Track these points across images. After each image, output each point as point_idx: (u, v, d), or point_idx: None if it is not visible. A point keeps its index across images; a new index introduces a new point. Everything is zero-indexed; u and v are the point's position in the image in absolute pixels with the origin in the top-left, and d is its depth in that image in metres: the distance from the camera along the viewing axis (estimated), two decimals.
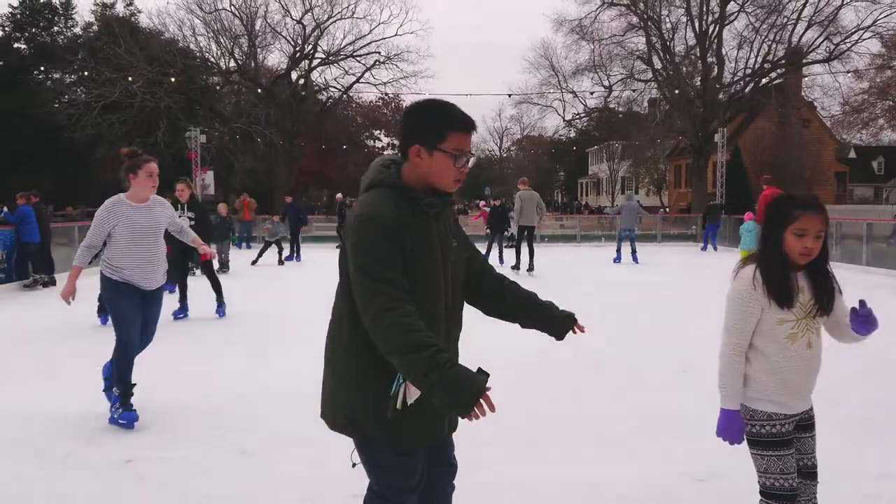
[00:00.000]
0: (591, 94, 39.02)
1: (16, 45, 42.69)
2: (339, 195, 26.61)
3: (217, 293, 9.38)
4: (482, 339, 7.71)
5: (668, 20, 35.92)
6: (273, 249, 17.63)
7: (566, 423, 4.86)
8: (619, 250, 17.82)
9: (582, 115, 45.41)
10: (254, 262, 16.92)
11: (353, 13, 38.09)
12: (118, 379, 4.75)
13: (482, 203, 31.05)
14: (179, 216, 7.74)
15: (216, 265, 15.16)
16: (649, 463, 4.11)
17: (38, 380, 6.04)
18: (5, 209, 15.05)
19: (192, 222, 8.64)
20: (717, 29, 34.86)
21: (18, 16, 43.07)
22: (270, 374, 6.32)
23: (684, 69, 36.21)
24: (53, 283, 12.85)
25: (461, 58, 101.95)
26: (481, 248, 19.09)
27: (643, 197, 59.86)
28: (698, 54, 35.51)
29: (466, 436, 4.54)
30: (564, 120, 44.74)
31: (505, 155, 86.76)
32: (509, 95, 42.14)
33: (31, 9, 43.16)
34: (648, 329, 8.49)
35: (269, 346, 7.63)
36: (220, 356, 7.10)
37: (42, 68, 39.84)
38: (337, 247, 14.81)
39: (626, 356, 6.93)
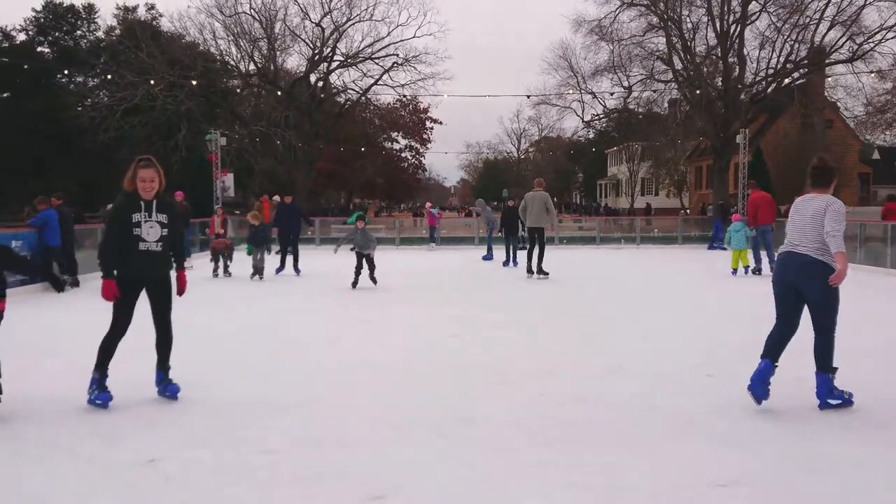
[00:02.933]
0: (611, 94, 38.74)
1: (39, 49, 43.26)
2: (276, 197, 26.67)
3: (162, 358, 5.71)
4: (502, 348, 7.70)
5: (688, 20, 35.59)
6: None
7: (589, 428, 4.83)
8: (490, 249, 19.99)
9: (601, 115, 45.11)
10: (359, 284, 12.63)
11: (372, 16, 38.20)
12: None
13: (428, 205, 30.97)
14: (142, 221, 5.41)
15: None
16: (671, 468, 4.08)
17: (63, 381, 6.09)
18: (28, 210, 15.23)
19: (164, 230, 5.49)
20: (738, 29, 34.51)
21: (42, 20, 43.67)
22: (293, 372, 6.35)
23: (705, 69, 35.88)
24: (77, 284, 13.00)
25: (479, 59, 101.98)
26: (499, 250, 19.01)
27: (664, 198, 59.52)
28: (719, 54, 35.15)
29: (491, 443, 4.55)
30: (583, 121, 44.48)
31: (523, 156, 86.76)
32: (528, 97, 41.91)
33: (55, 13, 43.75)
34: (671, 331, 8.43)
35: (294, 348, 7.66)
36: (242, 355, 7.14)
37: (65, 72, 40.36)
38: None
39: (649, 359, 6.88)
